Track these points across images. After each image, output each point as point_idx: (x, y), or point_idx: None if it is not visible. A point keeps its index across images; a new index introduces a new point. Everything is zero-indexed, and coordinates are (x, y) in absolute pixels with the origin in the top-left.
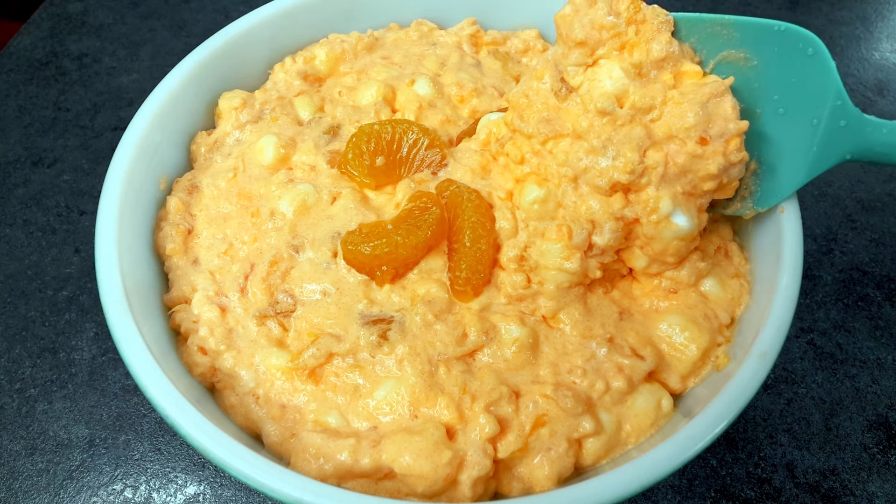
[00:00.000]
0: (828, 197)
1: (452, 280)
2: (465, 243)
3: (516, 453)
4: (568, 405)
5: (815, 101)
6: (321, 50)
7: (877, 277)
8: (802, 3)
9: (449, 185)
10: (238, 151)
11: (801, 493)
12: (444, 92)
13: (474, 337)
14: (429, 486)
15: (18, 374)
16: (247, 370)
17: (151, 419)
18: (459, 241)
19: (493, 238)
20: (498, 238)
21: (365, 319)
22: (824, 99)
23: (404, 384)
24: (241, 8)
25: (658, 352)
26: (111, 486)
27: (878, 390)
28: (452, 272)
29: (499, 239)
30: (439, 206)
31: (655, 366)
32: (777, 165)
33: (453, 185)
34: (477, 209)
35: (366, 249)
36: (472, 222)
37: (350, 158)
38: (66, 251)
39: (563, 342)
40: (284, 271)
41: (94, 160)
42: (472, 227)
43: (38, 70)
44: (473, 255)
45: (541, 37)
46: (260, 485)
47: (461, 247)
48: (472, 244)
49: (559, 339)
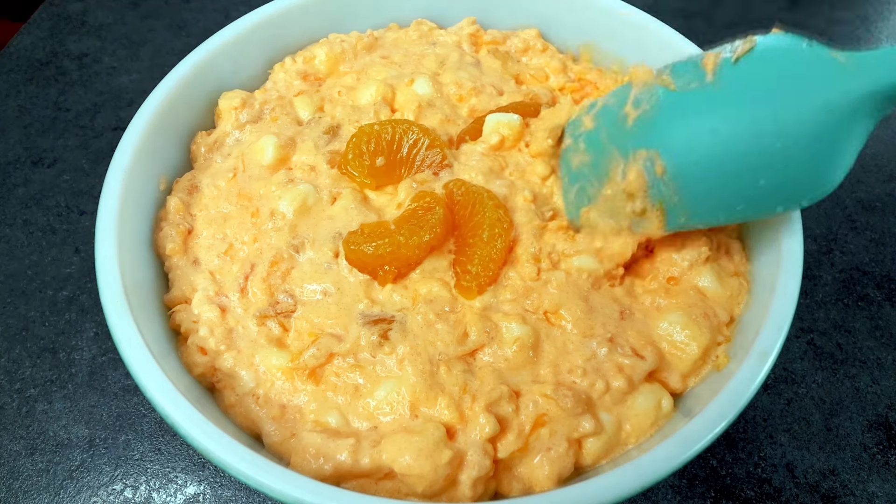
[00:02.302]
0: (828, 197)
1: (459, 275)
2: (482, 237)
3: (516, 453)
4: (568, 405)
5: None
6: (321, 50)
7: (877, 277)
8: (802, 3)
9: (461, 184)
10: (238, 151)
11: (801, 493)
12: (443, 91)
13: (475, 336)
14: (429, 486)
15: (18, 374)
16: (247, 370)
17: (151, 419)
18: (477, 235)
19: (510, 239)
20: (514, 239)
21: (366, 319)
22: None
23: (405, 384)
24: (241, 8)
25: (658, 351)
26: (111, 486)
27: (878, 390)
28: (462, 266)
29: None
30: (443, 206)
31: (656, 365)
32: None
33: (467, 185)
34: (497, 207)
35: (368, 249)
36: (492, 220)
37: (350, 159)
38: (66, 251)
39: (564, 341)
40: (285, 271)
41: (94, 160)
42: (492, 225)
43: (38, 70)
44: (489, 251)
45: (541, 36)
46: (260, 485)
47: (478, 241)
48: (489, 240)
49: (560, 338)
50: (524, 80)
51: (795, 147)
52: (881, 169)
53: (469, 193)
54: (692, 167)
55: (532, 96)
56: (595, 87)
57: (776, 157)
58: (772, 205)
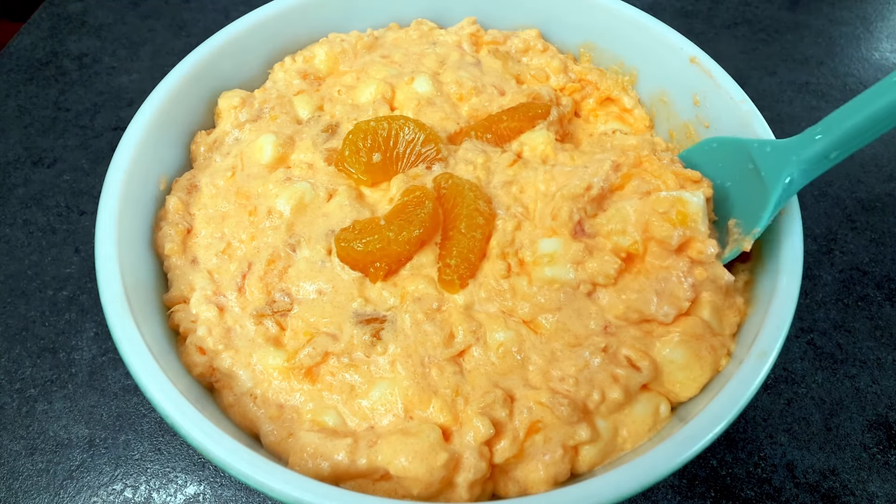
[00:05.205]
0: (828, 197)
1: (441, 269)
2: (460, 229)
3: (511, 459)
4: (564, 413)
5: (742, 157)
6: (321, 49)
7: (877, 277)
8: (802, 3)
9: (448, 177)
10: (237, 150)
11: (801, 493)
12: (443, 90)
13: (461, 338)
14: (424, 489)
15: (18, 374)
16: (244, 370)
17: (151, 419)
18: (455, 227)
19: (489, 230)
20: (492, 230)
21: (358, 318)
22: (745, 148)
23: (398, 385)
24: (241, 8)
25: (655, 365)
26: (111, 486)
27: (878, 390)
28: (443, 260)
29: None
30: (432, 199)
31: (651, 379)
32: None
33: (453, 178)
34: (476, 198)
35: (358, 246)
36: (469, 210)
37: (347, 156)
38: (66, 251)
39: (551, 349)
40: (282, 270)
41: (94, 160)
42: (469, 216)
43: (38, 70)
44: (466, 242)
45: (541, 36)
46: (260, 484)
47: (456, 233)
48: (466, 231)
49: (545, 345)
50: (525, 80)
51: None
52: (881, 169)
53: (452, 186)
54: None
55: (535, 96)
56: (595, 87)
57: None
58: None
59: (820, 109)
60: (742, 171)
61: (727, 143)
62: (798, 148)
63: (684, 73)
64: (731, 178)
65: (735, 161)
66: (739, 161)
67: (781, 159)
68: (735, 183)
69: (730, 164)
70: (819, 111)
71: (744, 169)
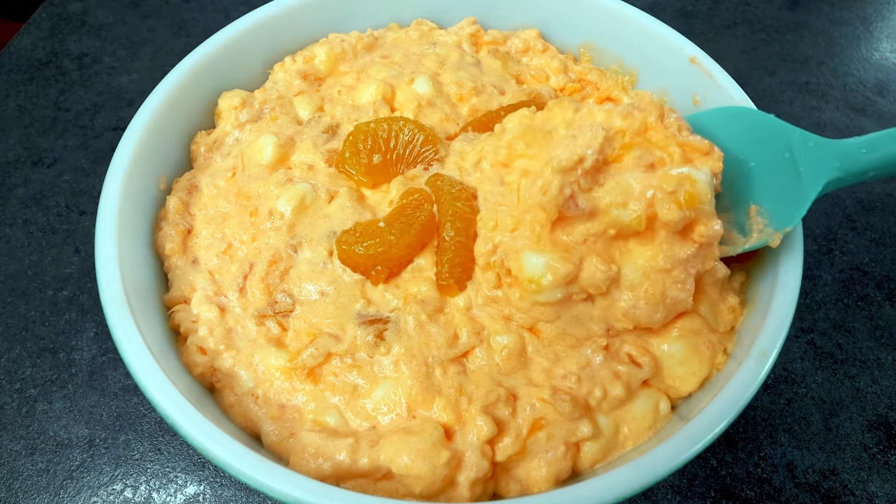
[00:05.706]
0: (828, 197)
1: (437, 275)
2: (444, 237)
3: (514, 457)
4: (566, 409)
5: (778, 142)
6: (321, 49)
7: (877, 277)
8: (802, 3)
9: (437, 178)
10: (237, 151)
11: (801, 493)
12: (443, 91)
13: (465, 339)
14: (426, 487)
15: (18, 374)
16: (246, 370)
17: (151, 419)
18: (444, 232)
19: (472, 231)
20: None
21: (361, 319)
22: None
23: (401, 385)
24: (241, 8)
25: (655, 361)
26: (111, 486)
27: (878, 390)
28: (438, 266)
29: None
30: (430, 201)
31: (652, 374)
32: (776, 196)
33: (442, 178)
34: (455, 199)
35: (359, 249)
36: (450, 214)
37: (347, 157)
38: (66, 251)
39: (554, 350)
40: (283, 271)
41: (94, 160)
42: (451, 220)
43: (38, 70)
44: (453, 248)
45: (541, 37)
46: (260, 484)
47: (442, 241)
48: (451, 238)
49: (548, 348)
50: (525, 80)
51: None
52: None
53: (436, 188)
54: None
55: (535, 96)
56: (595, 87)
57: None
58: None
59: (820, 109)
60: (775, 157)
61: (760, 119)
62: (843, 154)
63: (684, 73)
64: (758, 159)
65: (767, 143)
66: (774, 145)
67: (825, 160)
68: (762, 166)
69: (759, 144)
70: (819, 111)
71: (778, 156)
